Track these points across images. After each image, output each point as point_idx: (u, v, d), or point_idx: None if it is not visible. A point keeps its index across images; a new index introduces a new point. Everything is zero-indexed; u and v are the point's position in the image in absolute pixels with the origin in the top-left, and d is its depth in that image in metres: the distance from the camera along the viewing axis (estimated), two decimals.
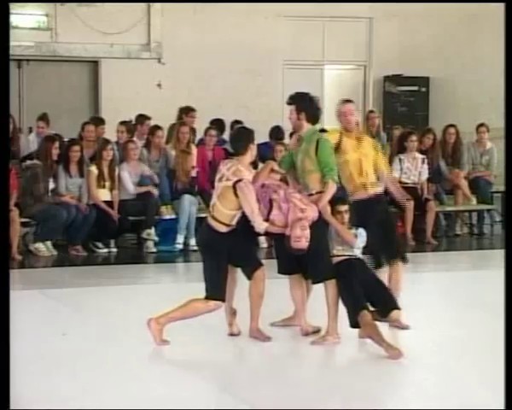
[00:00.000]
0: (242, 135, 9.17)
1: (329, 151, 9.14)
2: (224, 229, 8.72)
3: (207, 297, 8.72)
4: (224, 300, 8.82)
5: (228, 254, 8.81)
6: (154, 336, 8.72)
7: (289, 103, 9.31)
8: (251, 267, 8.95)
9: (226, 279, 8.83)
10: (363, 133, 10.43)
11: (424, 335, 9.19)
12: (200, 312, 8.82)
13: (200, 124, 17.06)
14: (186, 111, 17.00)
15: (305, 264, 8.91)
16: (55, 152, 14.64)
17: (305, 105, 9.24)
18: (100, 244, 14.82)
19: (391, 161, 16.07)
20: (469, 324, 9.83)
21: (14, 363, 8.17)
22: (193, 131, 16.43)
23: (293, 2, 21.38)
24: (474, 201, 17.20)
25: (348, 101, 10.34)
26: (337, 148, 9.63)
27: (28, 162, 15.21)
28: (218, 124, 17.18)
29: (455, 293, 11.81)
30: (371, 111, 19.29)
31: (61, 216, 14.38)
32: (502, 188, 17.88)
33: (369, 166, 9.78)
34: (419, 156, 16.14)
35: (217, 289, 8.74)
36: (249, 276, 8.95)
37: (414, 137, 16.20)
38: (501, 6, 22.00)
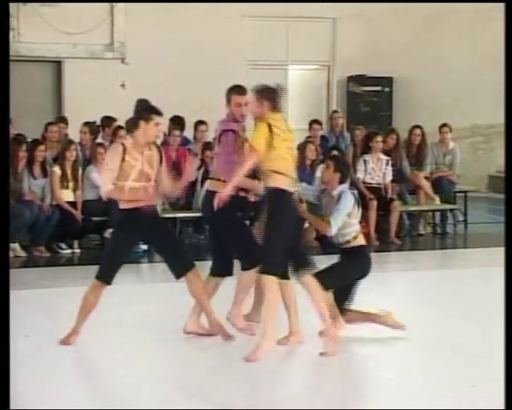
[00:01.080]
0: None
1: None
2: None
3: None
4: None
5: None
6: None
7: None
8: None
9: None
10: None
11: (389, 334, 9.22)
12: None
13: (164, 124, 17.03)
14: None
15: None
16: (23, 155, 14.57)
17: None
18: (63, 245, 14.77)
19: (354, 162, 16.19)
20: (431, 322, 9.87)
21: None
22: None
23: (258, 3, 21.40)
24: (437, 200, 17.25)
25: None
26: None
27: None
28: (178, 121, 17.16)
29: (418, 292, 11.85)
30: (335, 111, 19.36)
31: (24, 215, 14.31)
32: (464, 187, 18.03)
33: None
34: (383, 158, 16.20)
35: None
36: None
37: (379, 138, 16.23)
38: (465, 5, 22.19)
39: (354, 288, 9.08)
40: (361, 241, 9.10)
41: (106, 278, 8.87)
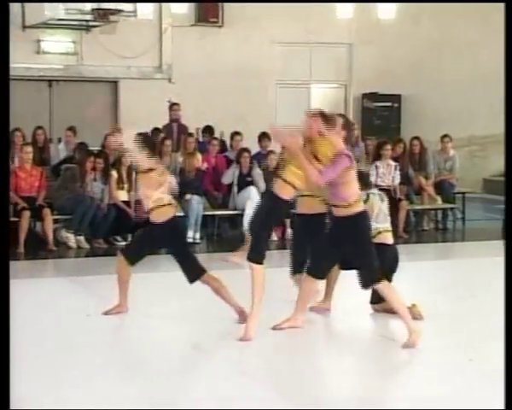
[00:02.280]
0: None
1: None
2: None
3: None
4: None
5: None
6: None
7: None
8: None
9: None
10: None
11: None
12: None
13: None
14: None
15: None
16: (90, 165, 14.65)
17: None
18: (119, 238, 14.79)
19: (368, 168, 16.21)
20: (436, 305, 9.82)
21: (51, 338, 8.20)
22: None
23: (285, 31, 21.42)
24: (439, 200, 17.21)
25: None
26: None
27: (66, 165, 15.27)
28: (208, 130, 17.26)
29: (422, 280, 11.82)
30: (352, 124, 19.29)
31: (86, 202, 14.36)
32: (463, 189, 17.98)
33: None
34: (392, 163, 16.17)
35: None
36: None
37: (388, 147, 16.22)
38: (463, 34, 22.06)
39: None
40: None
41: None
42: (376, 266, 8.17)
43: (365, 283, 8.23)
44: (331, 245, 8.32)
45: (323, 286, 9.27)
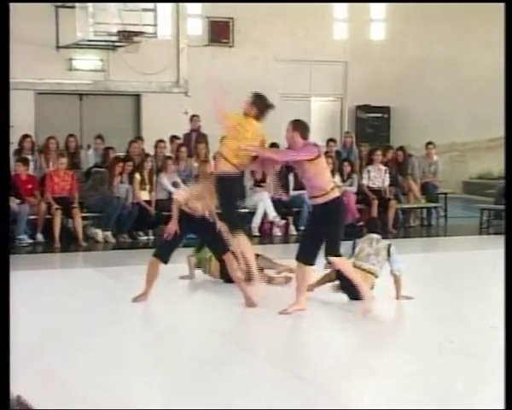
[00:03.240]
0: None
1: None
2: None
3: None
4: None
5: None
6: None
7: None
8: None
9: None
10: None
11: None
12: None
13: (216, 143, 17.05)
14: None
15: None
16: (118, 169, 14.67)
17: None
18: (141, 233, 14.81)
19: (361, 171, 16.25)
20: (422, 293, 9.80)
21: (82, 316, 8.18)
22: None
23: (287, 51, 21.41)
24: (423, 200, 17.21)
25: None
26: None
27: (96, 169, 15.31)
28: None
29: (409, 271, 11.79)
30: (347, 132, 19.37)
31: (113, 203, 14.40)
32: (445, 190, 17.97)
33: None
34: (382, 168, 16.21)
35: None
36: None
37: (379, 153, 16.30)
38: (444, 51, 22.05)
39: None
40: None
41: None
42: (339, 246, 8.33)
43: (328, 252, 8.31)
44: (314, 231, 8.35)
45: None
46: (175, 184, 15.26)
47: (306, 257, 8.42)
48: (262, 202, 15.19)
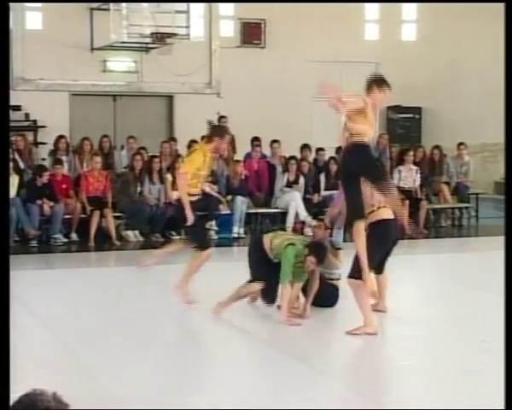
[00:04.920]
0: None
1: None
2: None
3: None
4: None
5: None
6: None
7: None
8: None
9: None
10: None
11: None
12: None
13: (248, 142, 17.08)
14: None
15: None
16: (142, 165, 14.77)
17: None
18: (173, 232, 14.86)
19: (391, 171, 16.14)
20: (453, 292, 9.77)
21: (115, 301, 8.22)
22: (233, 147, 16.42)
23: (320, 51, 21.39)
24: (453, 201, 17.16)
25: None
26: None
27: (122, 171, 15.38)
28: (257, 140, 17.24)
29: (440, 270, 11.76)
30: (383, 133, 19.08)
31: (144, 211, 14.48)
32: (476, 190, 17.87)
33: None
34: (413, 168, 16.14)
35: None
36: None
37: (410, 153, 16.22)
38: (475, 53, 21.96)
39: None
40: None
41: None
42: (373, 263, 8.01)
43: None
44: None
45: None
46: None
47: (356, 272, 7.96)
48: (294, 202, 15.22)
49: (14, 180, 13.54)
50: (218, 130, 9.96)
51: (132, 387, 6.25)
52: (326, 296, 8.63)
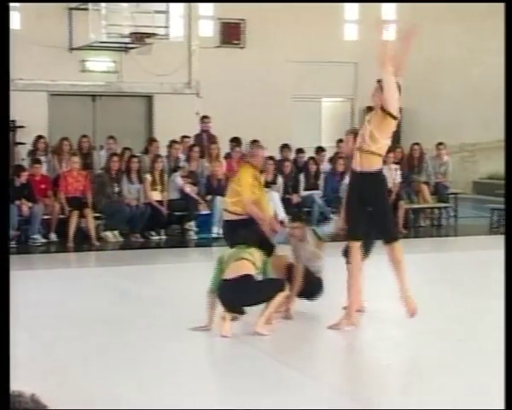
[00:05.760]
0: None
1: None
2: None
3: None
4: None
5: None
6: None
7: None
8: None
9: None
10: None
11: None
12: None
13: (227, 142, 17.07)
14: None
15: None
16: (114, 166, 14.74)
17: None
18: (153, 233, 14.83)
19: None
20: (433, 292, 9.79)
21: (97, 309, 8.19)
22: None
23: (299, 51, 21.40)
24: (433, 201, 17.20)
25: (260, 146, 9.81)
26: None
27: (98, 172, 15.32)
28: (236, 140, 17.23)
29: (420, 270, 11.78)
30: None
31: (123, 211, 14.43)
32: (455, 190, 17.93)
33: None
34: (393, 166, 16.18)
35: None
36: None
37: (391, 154, 16.22)
38: (456, 54, 22.03)
39: None
40: None
41: None
42: None
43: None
44: None
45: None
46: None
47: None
48: (272, 203, 15.18)
49: None
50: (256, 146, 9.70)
51: (112, 388, 6.23)
52: (311, 288, 8.59)
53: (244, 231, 8.26)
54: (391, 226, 8.25)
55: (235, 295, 7.70)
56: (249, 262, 7.89)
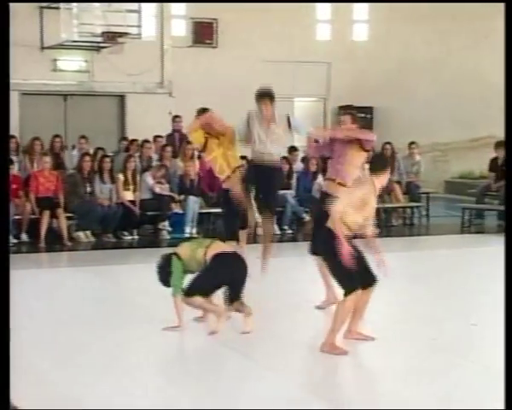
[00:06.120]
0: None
1: None
2: None
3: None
4: None
5: None
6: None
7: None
8: None
9: None
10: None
11: None
12: None
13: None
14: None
15: None
16: (86, 166, 14.66)
17: None
18: (126, 233, 14.78)
19: None
20: (404, 290, 9.82)
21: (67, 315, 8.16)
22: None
23: (272, 52, 21.43)
24: (405, 200, 17.27)
25: (205, 109, 9.98)
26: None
27: (70, 172, 15.25)
28: None
29: (392, 269, 11.81)
30: None
31: (96, 211, 14.37)
32: (427, 190, 18.03)
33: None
34: (366, 166, 16.21)
35: None
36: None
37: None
38: (427, 53, 22.17)
39: None
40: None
41: None
42: None
43: None
44: None
45: None
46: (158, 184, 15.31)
47: None
48: None
49: None
50: None
51: (83, 387, 6.22)
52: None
53: None
54: None
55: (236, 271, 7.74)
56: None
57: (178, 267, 7.88)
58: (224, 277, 7.72)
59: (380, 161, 7.82)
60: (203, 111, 9.64)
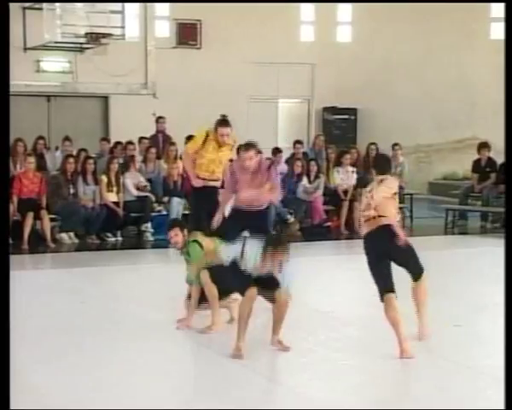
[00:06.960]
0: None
1: None
2: None
3: None
4: None
5: None
6: None
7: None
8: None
9: None
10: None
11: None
12: None
13: (183, 145, 17.04)
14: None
15: None
16: (69, 168, 14.64)
17: None
18: (109, 234, 14.76)
19: (328, 172, 16.33)
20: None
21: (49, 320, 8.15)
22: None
23: (257, 53, 21.47)
24: None
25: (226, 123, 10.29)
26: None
27: (53, 173, 15.22)
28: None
29: None
30: (320, 135, 19.13)
31: (79, 213, 14.35)
32: (411, 191, 18.09)
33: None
34: (350, 169, 16.31)
35: None
36: None
37: (348, 156, 16.45)
38: (411, 55, 22.23)
39: None
40: None
41: None
42: None
43: None
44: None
45: None
46: (141, 185, 15.27)
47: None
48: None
49: None
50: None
51: (67, 390, 6.22)
52: None
53: None
54: None
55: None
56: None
57: (200, 256, 7.85)
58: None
59: (383, 161, 8.06)
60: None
